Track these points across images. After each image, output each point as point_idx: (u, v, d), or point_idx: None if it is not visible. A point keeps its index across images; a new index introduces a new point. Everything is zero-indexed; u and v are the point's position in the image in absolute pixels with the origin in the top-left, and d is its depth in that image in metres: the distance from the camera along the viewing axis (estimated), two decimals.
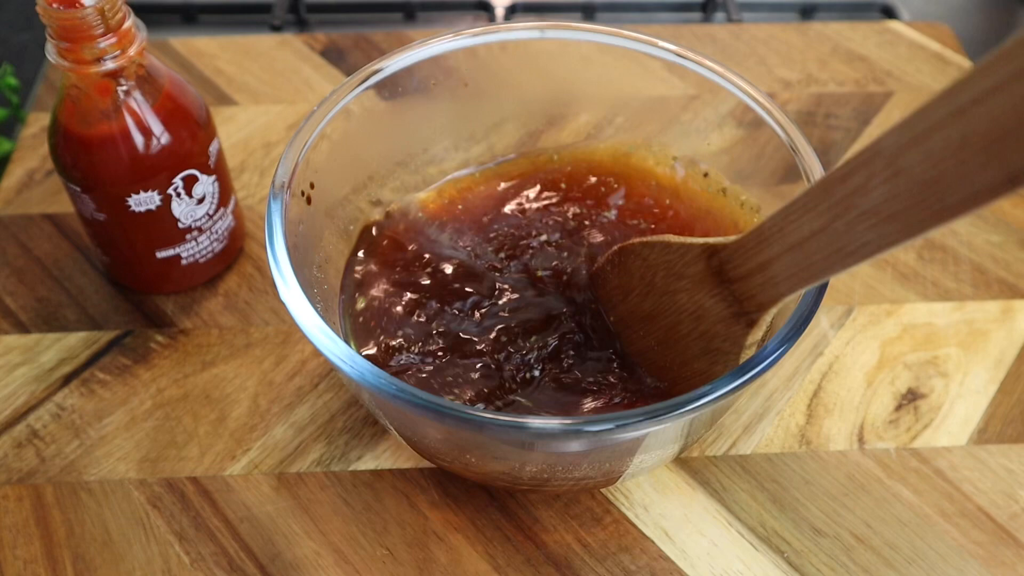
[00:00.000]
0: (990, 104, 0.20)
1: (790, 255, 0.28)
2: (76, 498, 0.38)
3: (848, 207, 0.25)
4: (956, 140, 0.21)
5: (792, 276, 0.28)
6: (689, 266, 0.32)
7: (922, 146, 0.22)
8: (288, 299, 0.31)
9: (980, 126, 0.20)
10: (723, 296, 0.31)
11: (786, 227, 0.28)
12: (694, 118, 0.42)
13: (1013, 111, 0.19)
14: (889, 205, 0.23)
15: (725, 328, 0.32)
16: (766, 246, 0.29)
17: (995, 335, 0.44)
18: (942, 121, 0.21)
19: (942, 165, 0.21)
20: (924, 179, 0.22)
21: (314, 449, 0.39)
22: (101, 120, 0.39)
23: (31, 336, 0.43)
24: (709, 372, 0.33)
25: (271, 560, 0.36)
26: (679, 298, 0.33)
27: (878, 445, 0.40)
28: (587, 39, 0.41)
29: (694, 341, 0.33)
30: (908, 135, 0.22)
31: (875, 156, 0.23)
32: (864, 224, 0.24)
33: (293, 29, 0.64)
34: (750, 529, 0.37)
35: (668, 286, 0.33)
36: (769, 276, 0.29)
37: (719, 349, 0.32)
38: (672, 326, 0.34)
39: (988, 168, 0.20)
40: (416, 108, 0.42)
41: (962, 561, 0.37)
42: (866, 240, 0.25)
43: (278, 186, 0.34)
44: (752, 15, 0.67)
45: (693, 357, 0.33)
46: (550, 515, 0.38)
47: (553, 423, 0.28)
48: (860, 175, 0.24)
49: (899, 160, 0.23)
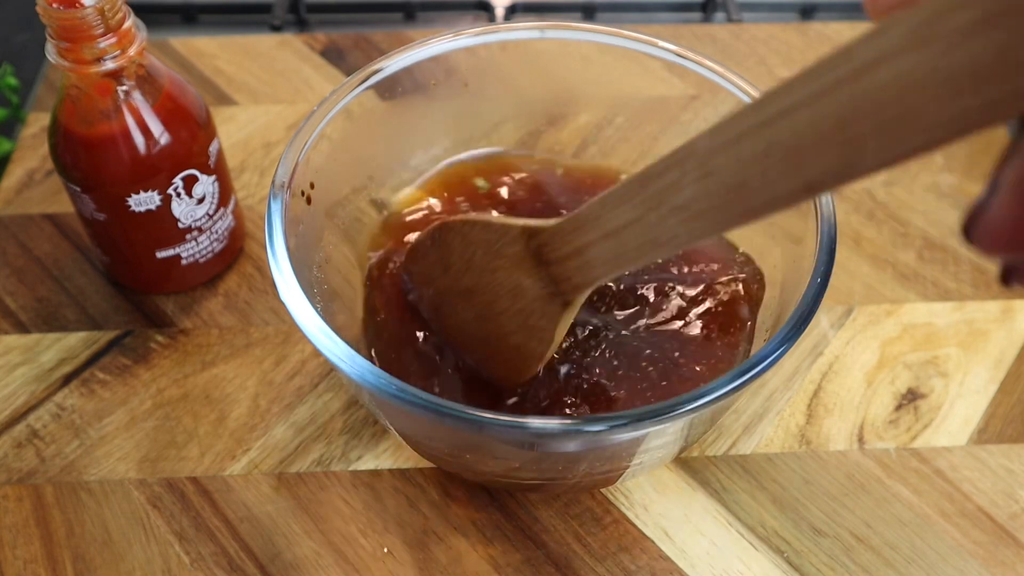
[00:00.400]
0: (794, 118, 0.21)
1: (606, 242, 0.29)
2: (76, 498, 0.38)
3: (661, 201, 0.26)
4: (761, 148, 0.22)
5: (607, 262, 0.29)
6: (508, 246, 0.33)
7: (731, 151, 0.23)
8: (288, 299, 0.31)
9: (783, 137, 0.21)
10: (540, 277, 0.32)
11: (603, 215, 0.29)
12: (694, 118, 0.42)
13: (813, 126, 0.20)
14: (699, 203, 0.25)
15: (541, 306, 0.33)
16: (583, 232, 0.30)
17: (995, 335, 0.44)
18: (750, 130, 0.22)
19: (748, 171, 0.22)
20: (731, 183, 0.23)
21: (314, 449, 0.39)
22: (101, 120, 0.39)
23: (31, 336, 0.43)
24: (525, 347, 0.34)
25: (271, 560, 0.36)
26: (498, 276, 0.34)
27: (878, 445, 0.40)
28: (587, 39, 0.41)
29: (511, 317, 0.34)
30: (719, 140, 0.23)
31: (689, 156, 0.24)
32: (675, 219, 0.26)
33: (293, 29, 0.64)
34: (750, 529, 0.37)
35: (487, 264, 0.34)
36: (585, 260, 0.30)
37: (535, 326, 0.33)
38: (490, 302, 0.35)
39: (789, 177, 0.22)
40: (416, 108, 0.42)
41: (962, 561, 0.37)
42: (676, 233, 0.26)
43: (278, 186, 0.34)
44: (752, 15, 0.66)
45: (510, 332, 0.34)
46: (550, 515, 0.38)
47: (553, 423, 0.28)
48: (674, 172, 0.25)
49: (710, 162, 0.24)
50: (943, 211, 0.50)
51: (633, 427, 0.28)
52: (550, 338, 0.33)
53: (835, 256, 0.32)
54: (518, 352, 0.34)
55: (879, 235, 0.48)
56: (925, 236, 0.48)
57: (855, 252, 0.47)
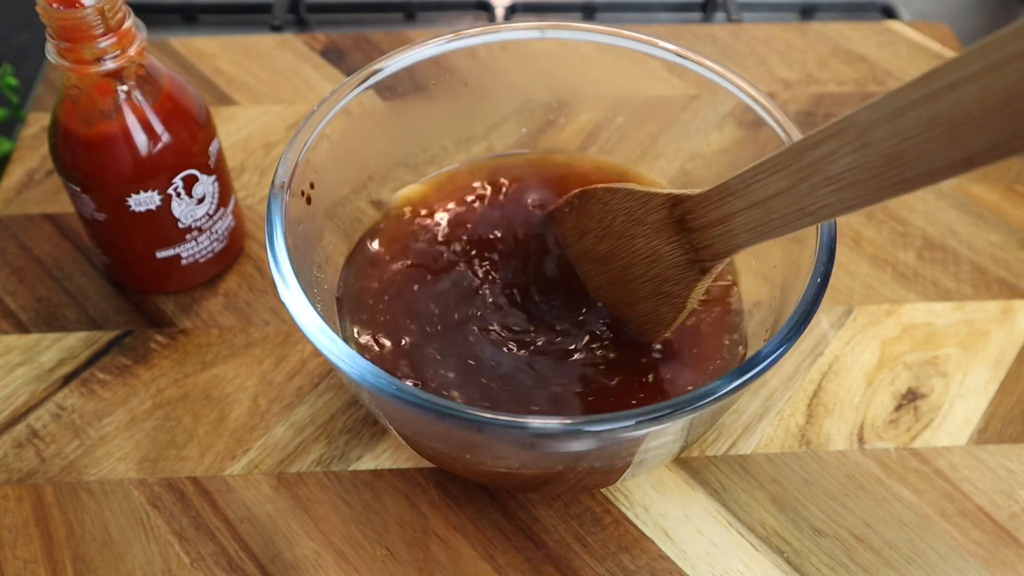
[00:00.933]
0: (959, 92, 0.22)
1: (752, 211, 0.30)
2: (76, 498, 0.38)
3: (815, 171, 0.27)
4: (924, 121, 0.23)
5: (751, 230, 0.30)
6: (650, 213, 0.34)
7: (892, 123, 0.24)
8: (288, 299, 0.31)
9: (947, 110, 0.22)
10: (680, 243, 0.33)
11: (752, 184, 0.29)
12: (694, 118, 0.42)
13: (979, 100, 0.21)
14: (853, 173, 0.25)
15: (677, 273, 0.34)
16: (730, 201, 0.31)
17: (995, 335, 0.44)
18: (914, 103, 0.23)
19: (908, 142, 0.23)
20: (889, 153, 0.24)
21: (314, 449, 0.39)
22: (101, 120, 0.39)
23: (31, 336, 0.43)
24: (655, 313, 0.35)
25: (271, 560, 0.36)
26: (636, 243, 0.35)
27: (878, 445, 0.40)
28: (587, 39, 0.41)
29: (645, 284, 0.35)
30: (881, 112, 0.24)
31: (847, 128, 0.25)
32: (827, 188, 0.26)
33: (293, 29, 0.64)
34: (750, 529, 0.37)
35: (626, 231, 0.35)
36: (728, 228, 0.31)
37: (668, 292, 0.34)
38: (625, 267, 0.36)
39: (949, 148, 0.22)
40: (416, 108, 0.42)
41: (962, 561, 0.37)
42: (826, 203, 0.27)
43: (278, 186, 0.34)
44: (752, 15, 0.67)
45: (642, 298, 0.35)
46: (550, 515, 0.38)
47: (553, 423, 0.28)
48: (831, 143, 0.26)
49: (869, 134, 0.25)
50: (943, 211, 0.50)
51: (633, 427, 0.28)
52: (682, 304, 0.34)
53: (835, 256, 0.32)
54: (648, 317, 0.36)
55: (879, 235, 0.48)
56: (925, 236, 0.48)
57: (855, 252, 0.47)
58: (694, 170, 0.43)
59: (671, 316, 0.35)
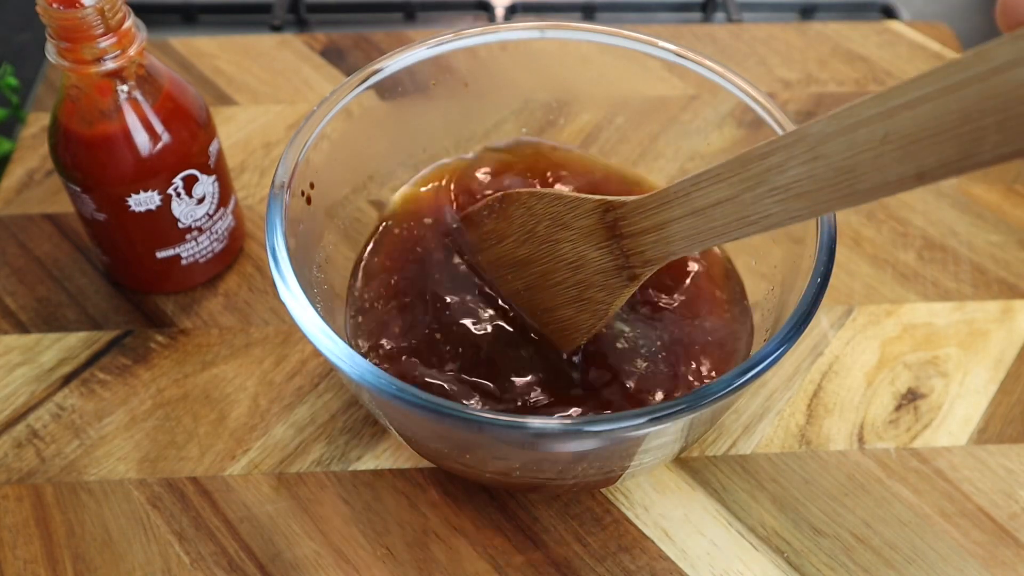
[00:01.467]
0: (916, 111, 0.22)
1: (691, 218, 0.29)
2: (76, 498, 0.38)
3: (761, 182, 0.27)
4: (879, 136, 0.23)
5: (687, 238, 0.30)
6: (579, 218, 0.33)
7: (847, 137, 0.24)
8: (288, 299, 0.31)
9: (902, 127, 0.22)
10: (610, 249, 0.33)
11: (693, 193, 0.29)
12: (694, 118, 0.42)
13: (935, 119, 0.22)
14: (801, 185, 0.25)
15: (603, 279, 0.33)
16: (668, 208, 0.30)
17: (995, 335, 0.44)
18: (871, 118, 0.23)
19: (861, 156, 0.24)
20: (841, 166, 0.24)
21: (314, 449, 0.39)
22: (101, 120, 0.39)
23: (31, 336, 0.43)
24: (574, 320, 0.35)
25: (271, 560, 0.36)
26: (560, 247, 0.34)
27: (878, 445, 0.40)
28: (587, 39, 0.41)
29: (566, 289, 0.35)
30: (836, 126, 0.24)
31: (799, 140, 0.25)
32: (772, 199, 0.26)
33: (293, 29, 0.64)
34: (750, 529, 0.37)
35: (550, 235, 0.35)
36: (664, 235, 0.31)
37: (591, 299, 0.34)
38: (546, 273, 0.35)
39: (902, 164, 0.23)
40: (416, 108, 0.42)
41: (962, 561, 0.37)
42: (770, 212, 0.27)
43: (278, 186, 0.34)
44: (752, 15, 0.67)
45: (561, 304, 0.35)
46: (550, 515, 0.38)
47: (553, 423, 0.28)
48: (780, 155, 0.26)
49: (822, 146, 0.25)
50: (943, 211, 0.50)
51: (633, 427, 0.28)
52: (605, 311, 0.33)
53: (835, 256, 0.32)
54: (566, 324, 0.35)
55: (879, 235, 0.48)
56: (925, 236, 0.48)
57: (855, 252, 0.47)
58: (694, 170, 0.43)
59: (591, 323, 0.34)
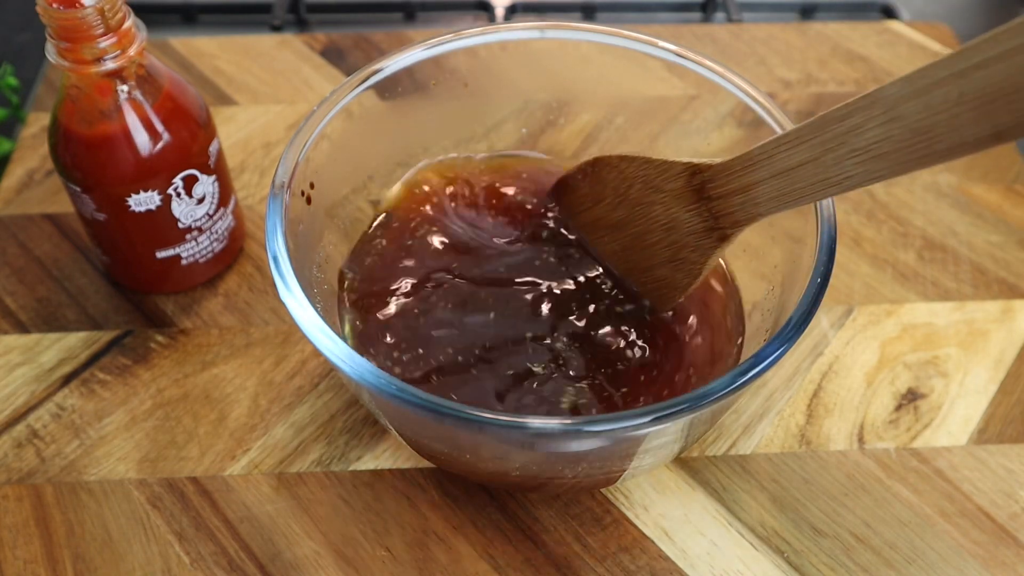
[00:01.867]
0: (989, 70, 0.23)
1: (775, 180, 0.30)
2: (76, 498, 0.38)
3: (841, 143, 0.27)
4: (954, 97, 0.23)
5: (773, 199, 0.31)
6: (669, 181, 0.34)
7: (922, 98, 0.24)
8: (288, 299, 0.31)
9: (977, 87, 0.23)
10: (699, 211, 0.33)
11: (776, 155, 0.30)
12: (694, 118, 0.42)
13: (1008, 78, 0.22)
14: (880, 146, 0.26)
15: (695, 240, 0.34)
16: (753, 170, 0.31)
17: (995, 335, 0.44)
18: (944, 80, 0.24)
19: (937, 117, 0.24)
20: (918, 127, 0.25)
21: (314, 449, 0.40)
22: (101, 120, 0.39)
23: (31, 336, 0.43)
24: (670, 279, 0.36)
25: (271, 560, 0.36)
26: (654, 210, 0.35)
27: (878, 445, 0.40)
28: (587, 39, 0.41)
29: (662, 250, 0.35)
30: (910, 88, 0.25)
31: (876, 102, 0.26)
32: (852, 160, 0.27)
33: (293, 29, 0.64)
34: (750, 529, 0.37)
35: (643, 198, 0.35)
36: (751, 197, 0.31)
37: (685, 259, 0.35)
38: (641, 234, 0.36)
39: (978, 123, 0.23)
40: (416, 108, 0.42)
41: (962, 561, 0.37)
42: (851, 174, 0.27)
43: (278, 186, 0.34)
44: (752, 15, 0.67)
45: (657, 264, 0.36)
46: (550, 515, 0.38)
47: (553, 423, 0.28)
48: (858, 116, 0.26)
49: (898, 108, 0.25)
50: (943, 211, 0.50)
51: (633, 427, 0.28)
52: (698, 271, 0.34)
53: (835, 256, 0.32)
54: (663, 283, 0.36)
55: (879, 235, 0.48)
56: (925, 236, 0.48)
57: (855, 252, 0.47)
58: None
59: (686, 282, 0.35)
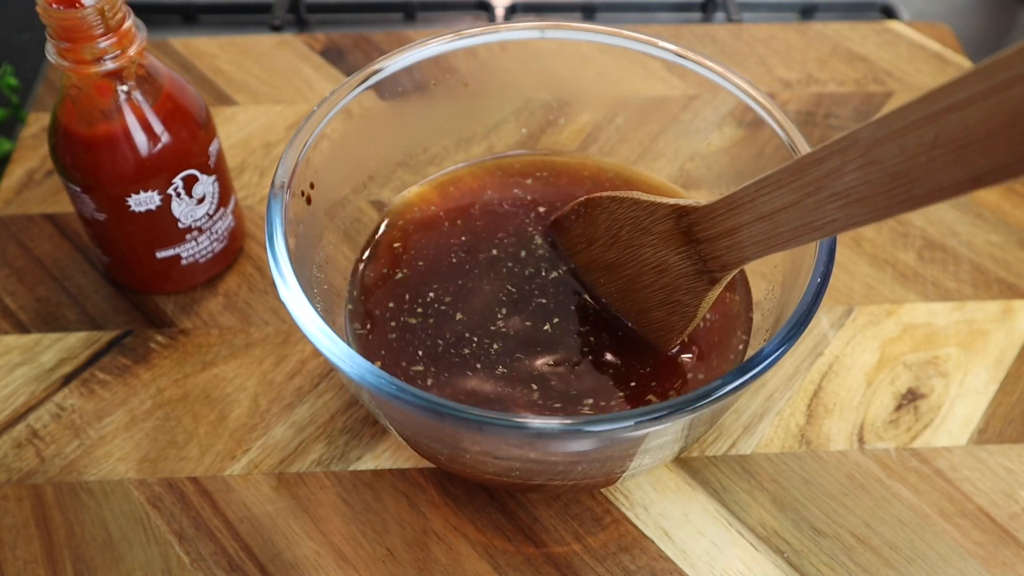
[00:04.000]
0: (963, 113, 0.22)
1: (759, 224, 0.30)
2: (76, 498, 0.38)
3: (820, 187, 0.27)
4: (929, 139, 0.23)
5: (759, 243, 0.30)
6: (657, 223, 0.34)
7: (897, 141, 0.24)
8: (288, 299, 0.31)
9: (952, 131, 0.22)
10: (688, 254, 0.33)
11: (758, 198, 0.29)
12: (694, 118, 0.42)
13: (983, 122, 0.21)
14: (859, 190, 0.25)
15: (687, 283, 0.34)
16: (736, 213, 0.31)
17: (995, 335, 0.44)
18: (919, 122, 0.23)
19: (913, 160, 0.23)
20: (895, 171, 0.24)
21: (314, 449, 0.40)
22: (101, 120, 0.39)
23: (31, 336, 0.43)
24: (666, 321, 0.35)
25: (271, 560, 0.36)
26: (644, 252, 0.35)
27: (878, 445, 0.40)
28: (587, 39, 0.41)
29: (655, 292, 0.35)
30: (885, 130, 0.24)
31: (851, 145, 0.25)
32: (833, 204, 0.26)
33: (293, 29, 0.64)
34: (750, 529, 0.37)
35: (633, 240, 0.35)
36: (736, 240, 0.31)
37: (679, 301, 0.34)
38: (634, 276, 0.36)
39: (956, 167, 0.22)
40: (416, 108, 0.42)
41: (962, 561, 0.37)
42: (834, 218, 0.27)
43: (278, 186, 0.34)
44: (752, 15, 0.67)
45: (653, 307, 0.36)
46: (550, 515, 0.38)
47: (553, 423, 0.28)
48: (835, 160, 0.26)
49: (873, 151, 0.24)
50: (943, 211, 0.50)
51: (633, 427, 0.28)
52: (693, 314, 0.34)
53: (835, 256, 0.32)
54: (660, 325, 0.36)
55: (879, 235, 0.48)
56: (925, 236, 0.48)
57: (855, 252, 0.47)
58: (694, 170, 0.43)
59: (682, 325, 0.35)
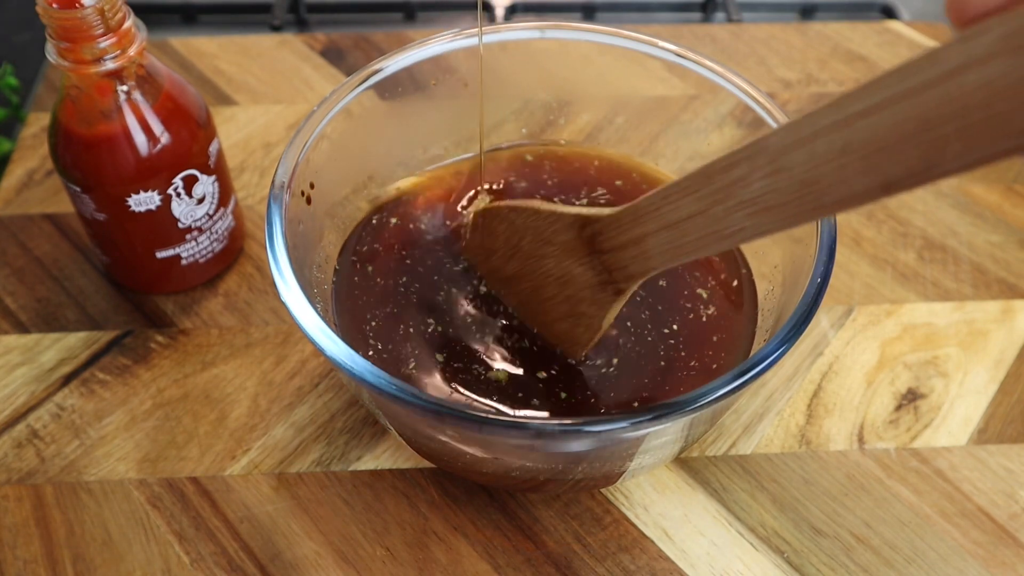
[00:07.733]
0: (873, 118, 0.21)
1: (665, 233, 0.29)
2: (76, 498, 0.38)
3: (728, 195, 0.26)
4: (839, 146, 0.22)
5: (665, 252, 0.29)
6: (559, 234, 0.33)
7: (805, 148, 0.23)
8: (288, 299, 0.31)
9: (862, 137, 0.21)
10: (592, 265, 0.32)
11: (663, 207, 0.29)
12: (694, 118, 0.42)
13: (893, 127, 0.21)
14: (767, 198, 0.25)
15: (591, 294, 0.33)
16: (642, 223, 0.30)
17: (995, 335, 0.44)
18: (827, 128, 0.22)
19: (823, 168, 0.23)
20: (804, 178, 0.23)
21: (314, 449, 0.40)
22: (101, 120, 0.39)
23: (31, 336, 0.43)
24: (571, 334, 0.35)
25: (271, 560, 0.36)
26: (546, 263, 0.34)
27: (878, 445, 0.40)
28: (587, 39, 0.41)
29: (559, 304, 0.34)
30: (793, 137, 0.23)
31: (759, 152, 0.24)
32: (742, 212, 0.26)
33: (293, 29, 0.64)
34: (750, 529, 0.37)
35: (535, 250, 0.34)
36: (642, 250, 0.30)
37: (583, 313, 0.34)
38: (536, 288, 0.35)
39: (867, 174, 0.22)
40: (416, 108, 0.42)
41: (962, 561, 0.37)
42: (742, 227, 0.26)
43: (278, 186, 0.34)
44: (752, 15, 0.67)
45: (557, 319, 0.35)
46: (550, 515, 0.38)
47: (553, 423, 0.28)
48: (743, 168, 0.25)
49: (782, 159, 0.24)
50: (943, 211, 0.50)
51: (633, 427, 0.28)
52: (598, 326, 0.33)
53: (835, 256, 0.32)
54: (564, 337, 0.35)
55: (879, 235, 0.48)
56: (925, 236, 0.48)
57: (855, 252, 0.47)
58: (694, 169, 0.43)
59: (587, 337, 0.34)
